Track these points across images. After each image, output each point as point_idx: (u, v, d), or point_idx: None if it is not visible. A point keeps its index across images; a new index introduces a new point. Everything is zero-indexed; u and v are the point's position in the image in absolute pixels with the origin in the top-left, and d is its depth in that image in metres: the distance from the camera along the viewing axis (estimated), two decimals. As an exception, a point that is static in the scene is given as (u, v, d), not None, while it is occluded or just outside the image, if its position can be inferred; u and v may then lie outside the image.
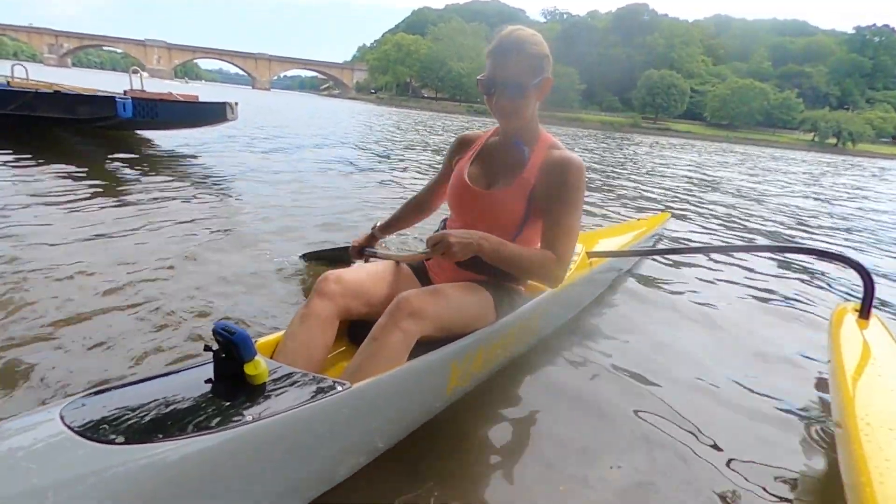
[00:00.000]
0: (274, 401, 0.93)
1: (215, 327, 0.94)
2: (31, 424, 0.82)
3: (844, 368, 1.34)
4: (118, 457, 0.75)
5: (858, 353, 1.44)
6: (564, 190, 1.31)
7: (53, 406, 0.85)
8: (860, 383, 1.27)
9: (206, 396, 0.92)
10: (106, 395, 0.90)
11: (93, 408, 0.85)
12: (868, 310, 1.66)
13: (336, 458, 1.06)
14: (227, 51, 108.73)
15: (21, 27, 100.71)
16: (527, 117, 1.34)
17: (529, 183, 1.34)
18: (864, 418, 1.08)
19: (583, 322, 2.10)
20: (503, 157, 1.41)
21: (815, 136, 59.26)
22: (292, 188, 4.41)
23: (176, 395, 0.91)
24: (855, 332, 1.56)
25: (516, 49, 1.24)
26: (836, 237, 4.85)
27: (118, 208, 3.17)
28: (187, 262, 2.29)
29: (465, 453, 1.28)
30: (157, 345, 1.59)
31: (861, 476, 0.93)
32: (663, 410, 1.51)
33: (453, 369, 1.31)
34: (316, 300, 1.27)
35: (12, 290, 1.84)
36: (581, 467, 1.24)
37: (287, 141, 8.45)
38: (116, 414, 0.84)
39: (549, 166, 1.33)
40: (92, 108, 5.52)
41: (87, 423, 0.81)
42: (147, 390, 0.93)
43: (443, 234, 1.17)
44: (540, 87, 1.31)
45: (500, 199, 1.36)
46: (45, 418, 0.82)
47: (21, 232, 2.51)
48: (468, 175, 1.44)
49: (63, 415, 0.82)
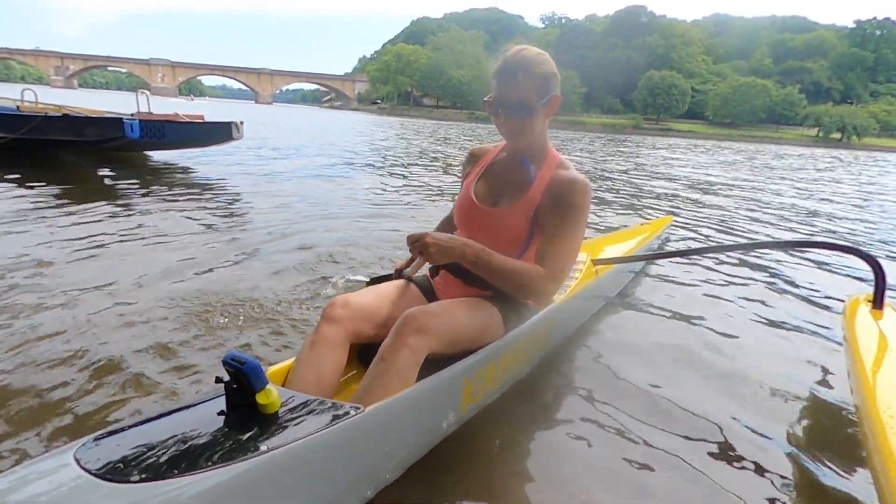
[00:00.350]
0: (288, 429, 0.93)
1: (225, 358, 0.94)
2: (47, 470, 0.81)
3: (863, 360, 1.31)
4: (137, 495, 0.76)
5: (876, 345, 1.41)
6: (567, 208, 1.31)
7: (66, 448, 0.86)
8: (880, 375, 1.24)
9: (220, 429, 0.92)
10: (119, 435, 0.90)
11: (106, 448, 0.86)
12: (881, 300, 1.63)
13: (351, 482, 1.05)
14: (230, 67, 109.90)
15: (28, 51, 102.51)
16: (534, 136, 1.34)
17: (534, 202, 1.34)
18: (887, 410, 1.07)
19: (593, 330, 2.10)
20: (509, 175, 1.42)
21: (820, 131, 58.97)
22: (298, 203, 4.46)
23: (190, 430, 0.91)
24: (870, 323, 1.54)
25: (522, 70, 1.24)
26: (848, 229, 4.83)
27: (124, 225, 3.22)
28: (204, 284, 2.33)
29: (481, 469, 1.27)
30: (172, 379, 1.57)
31: (889, 467, 0.91)
32: (682, 420, 1.50)
33: (466, 385, 1.31)
34: (324, 325, 1.27)
35: (12, 314, 1.88)
36: (598, 482, 1.24)
37: (290, 154, 8.54)
38: (131, 452, 0.84)
39: (555, 186, 1.33)
40: (100, 130, 5.65)
41: (103, 464, 0.81)
42: (160, 427, 0.93)
43: (422, 234, 1.19)
44: (548, 105, 1.30)
45: (505, 218, 1.37)
46: (61, 462, 0.82)
47: (21, 251, 2.57)
48: (475, 192, 1.44)
49: (78, 457, 0.82)
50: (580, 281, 1.96)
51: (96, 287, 2.22)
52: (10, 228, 3.05)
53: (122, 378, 1.55)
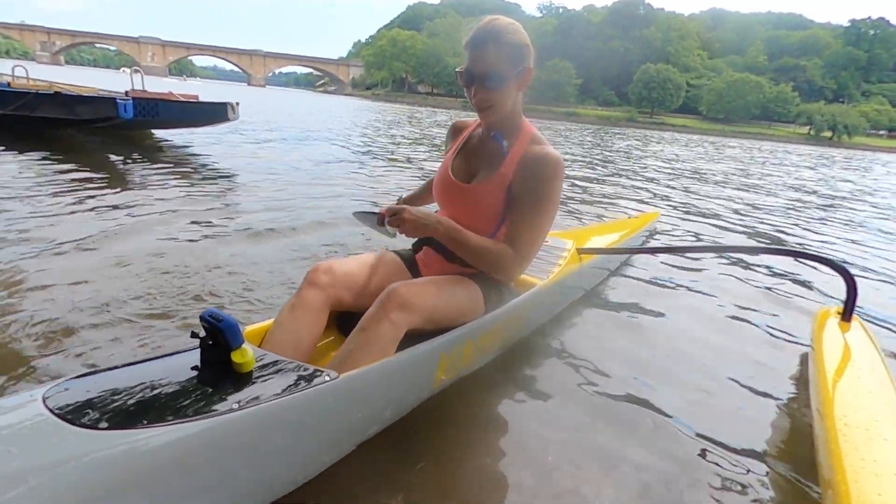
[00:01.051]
0: (260, 389, 0.92)
1: (203, 314, 0.94)
2: (12, 407, 0.80)
3: (825, 370, 1.37)
4: (100, 442, 0.74)
5: (839, 356, 1.47)
6: (536, 186, 1.29)
7: (36, 389, 0.84)
8: (840, 385, 1.30)
9: (192, 383, 0.91)
10: (90, 379, 0.89)
11: (76, 391, 0.84)
12: (850, 313, 1.68)
13: (322, 446, 1.07)
14: (222, 47, 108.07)
15: (13, 25, 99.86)
16: (506, 109, 1.32)
17: (507, 178, 1.33)
18: (842, 419, 1.11)
19: (571, 316, 2.12)
20: (484, 151, 1.41)
21: (811, 129, 59.48)
22: (289, 181, 4.46)
23: (161, 381, 0.90)
24: (837, 334, 1.59)
25: (493, 39, 1.22)
26: (828, 235, 4.92)
27: (120, 202, 3.20)
28: (191, 256, 2.37)
29: (446, 441, 1.29)
30: (152, 334, 1.67)
31: (837, 475, 0.95)
32: (647, 407, 1.52)
33: (441, 361, 1.32)
34: (306, 290, 1.27)
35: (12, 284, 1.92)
36: (566, 460, 1.26)
37: (282, 134, 8.47)
38: (100, 398, 0.83)
39: (527, 161, 1.31)
40: (93, 109, 5.54)
41: (70, 406, 0.79)
42: (132, 375, 0.92)
43: (400, 208, 1.21)
44: (520, 77, 1.28)
45: (480, 193, 1.36)
46: (27, 401, 0.81)
47: (21, 227, 2.59)
48: (452, 168, 1.44)
49: (46, 398, 0.81)
50: (563, 268, 1.97)
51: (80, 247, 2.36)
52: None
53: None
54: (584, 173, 7.73)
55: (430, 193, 1.71)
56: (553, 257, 2.02)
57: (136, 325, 1.70)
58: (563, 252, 2.09)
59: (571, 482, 1.19)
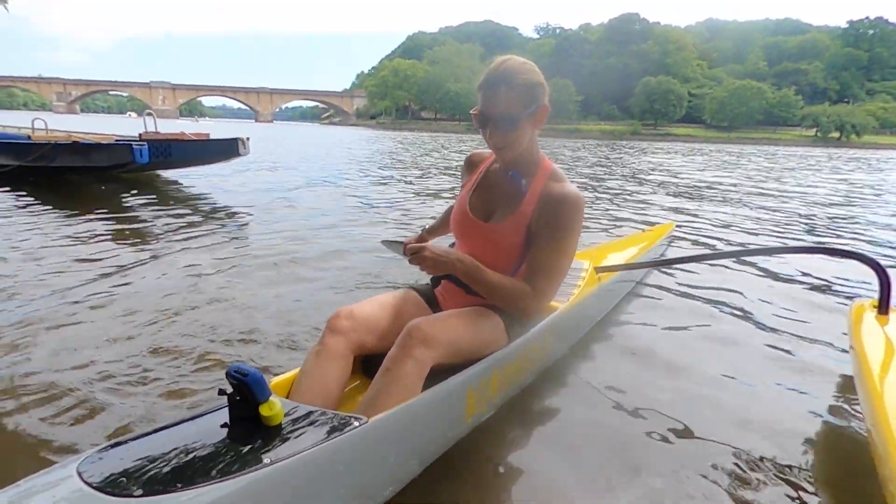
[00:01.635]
0: (291, 441, 0.92)
1: (229, 370, 0.94)
2: (49, 483, 0.80)
3: (870, 366, 1.32)
4: None
5: (882, 350, 1.41)
6: (556, 225, 1.28)
7: (70, 462, 0.85)
8: (888, 381, 1.24)
9: (223, 441, 0.91)
10: (122, 448, 0.89)
11: (109, 461, 0.85)
12: (886, 305, 1.63)
13: (355, 494, 1.04)
14: (229, 87, 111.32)
15: (30, 78, 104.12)
16: (522, 148, 1.31)
17: (527, 216, 1.33)
18: (895, 416, 1.07)
19: (597, 339, 2.09)
20: (502, 188, 1.40)
21: (818, 131, 59.08)
22: (303, 216, 4.51)
23: (193, 443, 0.90)
24: (876, 328, 1.54)
25: (505, 81, 1.21)
26: (851, 233, 4.83)
27: (132, 245, 3.26)
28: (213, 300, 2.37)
29: (485, 479, 1.26)
30: (180, 387, 1.62)
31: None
32: (687, 426, 1.48)
33: (469, 395, 1.30)
34: (328, 337, 1.27)
35: (25, 332, 1.92)
36: (602, 492, 1.22)
37: (290, 168, 8.62)
38: (134, 466, 0.84)
39: (546, 199, 1.31)
40: (109, 156, 5.68)
41: (105, 477, 0.80)
42: (163, 440, 0.92)
43: (419, 247, 1.21)
44: (534, 116, 1.27)
45: (499, 232, 1.35)
46: (63, 475, 0.81)
47: (34, 271, 2.61)
48: (469, 204, 1.44)
49: (80, 471, 0.81)
50: (583, 289, 1.95)
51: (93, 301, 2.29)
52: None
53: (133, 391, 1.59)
54: (593, 190, 7.71)
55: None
56: (571, 279, 1.99)
57: (172, 376, 1.68)
58: (580, 273, 2.06)
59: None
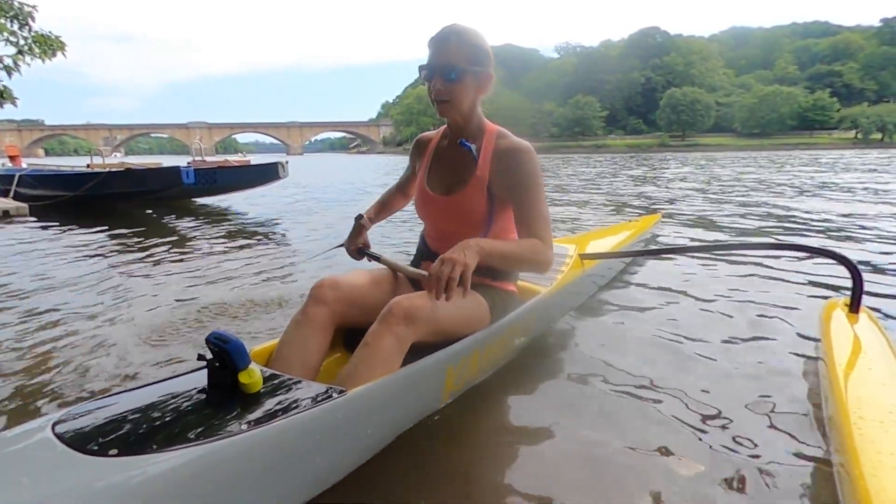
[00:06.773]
0: (269, 409, 0.92)
1: (209, 336, 0.94)
2: (22, 436, 0.80)
3: (836, 363, 1.34)
4: (110, 469, 0.74)
5: (849, 348, 1.43)
6: (524, 177, 1.30)
7: (46, 418, 0.84)
8: (851, 377, 1.27)
9: (201, 406, 0.91)
10: (98, 405, 0.89)
11: (85, 419, 0.84)
12: (857, 304, 1.65)
13: (330, 462, 1.05)
14: (261, 123, 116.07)
15: (79, 126, 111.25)
16: (464, 108, 1.32)
17: (484, 178, 1.34)
18: (856, 412, 1.08)
19: (575, 322, 2.08)
20: (455, 160, 1.41)
21: (858, 132, 56.91)
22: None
23: (169, 405, 0.90)
24: (845, 326, 1.56)
25: (456, 35, 1.25)
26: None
27: (177, 263, 3.45)
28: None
29: (458, 452, 1.25)
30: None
31: (854, 469, 0.93)
32: (655, 408, 1.46)
33: (449, 373, 1.30)
34: (311, 305, 1.26)
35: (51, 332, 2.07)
36: (576, 469, 1.19)
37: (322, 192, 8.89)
38: (109, 424, 0.83)
39: (500, 155, 1.33)
40: (159, 180, 6.14)
41: (80, 434, 0.79)
42: (140, 399, 0.92)
43: (446, 269, 1.06)
44: (479, 78, 1.29)
45: (461, 202, 1.36)
46: (37, 430, 0.81)
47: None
48: (428, 183, 1.45)
49: (55, 426, 0.81)
50: (567, 273, 1.95)
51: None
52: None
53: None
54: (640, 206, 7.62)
55: (397, 199, 1.72)
56: (556, 264, 1.99)
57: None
58: (565, 258, 2.08)
59: (584, 493, 1.11)
